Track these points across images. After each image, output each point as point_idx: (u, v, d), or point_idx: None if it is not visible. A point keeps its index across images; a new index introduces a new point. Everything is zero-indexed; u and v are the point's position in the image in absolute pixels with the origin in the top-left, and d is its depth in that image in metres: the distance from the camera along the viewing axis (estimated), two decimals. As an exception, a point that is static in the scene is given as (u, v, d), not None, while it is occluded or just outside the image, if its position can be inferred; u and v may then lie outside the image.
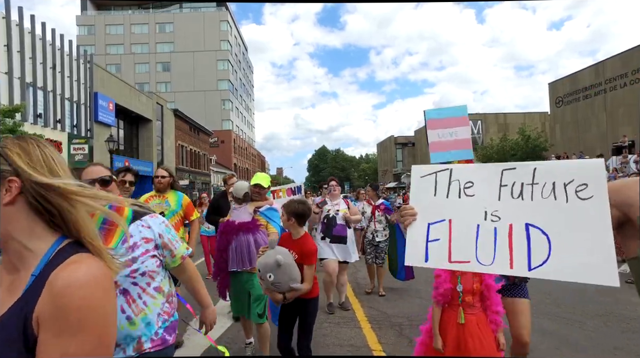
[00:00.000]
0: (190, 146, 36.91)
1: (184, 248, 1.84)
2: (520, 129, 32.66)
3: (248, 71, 75.60)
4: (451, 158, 3.00)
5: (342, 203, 5.10)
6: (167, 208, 3.92)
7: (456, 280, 2.37)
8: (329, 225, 4.94)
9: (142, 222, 1.71)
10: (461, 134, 3.06)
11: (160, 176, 4.06)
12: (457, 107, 3.18)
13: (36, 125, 16.10)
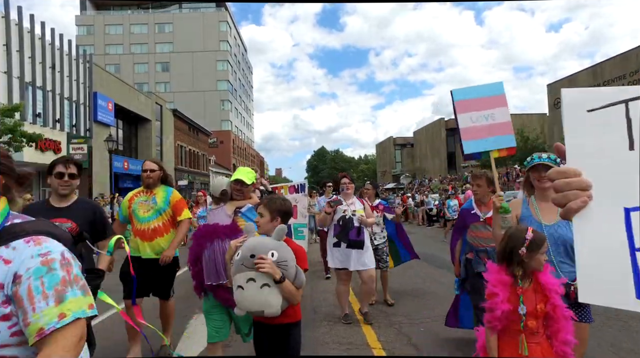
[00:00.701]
0: (189, 146, 36.89)
1: (54, 315, 0.86)
2: (519, 131, 32.73)
3: (247, 72, 75.63)
4: (489, 146, 2.59)
5: (357, 203, 4.44)
6: (154, 207, 3.43)
7: (518, 300, 1.88)
8: (345, 227, 4.25)
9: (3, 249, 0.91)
10: (500, 116, 2.58)
11: (149, 169, 3.51)
12: (492, 84, 2.69)
13: (35, 124, 16.08)
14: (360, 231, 4.24)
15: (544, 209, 2.36)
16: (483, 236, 3.36)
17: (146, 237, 3.43)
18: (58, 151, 17.55)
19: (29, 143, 12.18)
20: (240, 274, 2.05)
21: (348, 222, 4.25)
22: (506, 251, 1.97)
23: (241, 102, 67.69)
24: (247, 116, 73.27)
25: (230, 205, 3.04)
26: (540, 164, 2.32)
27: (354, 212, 4.30)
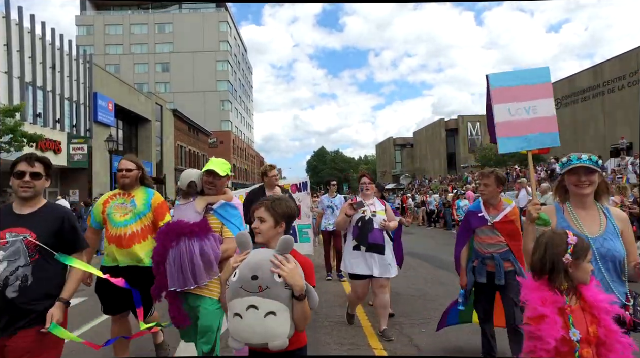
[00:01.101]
0: (189, 147, 36.90)
1: None
2: (519, 131, 32.69)
3: (247, 72, 75.65)
4: (529, 145, 2.23)
5: (377, 204, 4.08)
6: (132, 210, 3.03)
7: (569, 323, 1.53)
8: (363, 229, 3.85)
9: None
10: (543, 109, 2.19)
11: (125, 169, 3.13)
12: (536, 69, 2.27)
13: (35, 125, 16.08)
14: (381, 234, 3.87)
15: (584, 218, 1.98)
16: (490, 242, 3.13)
17: (123, 244, 2.95)
18: (58, 151, 17.55)
19: (30, 143, 12.17)
20: (238, 300, 1.62)
21: (367, 223, 3.86)
22: (546, 261, 1.62)
23: (241, 102, 67.69)
24: (247, 116, 73.28)
25: (200, 201, 2.68)
26: (580, 167, 1.97)
27: (374, 213, 3.93)
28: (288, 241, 1.69)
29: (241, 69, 68.69)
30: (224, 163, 2.81)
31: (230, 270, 1.72)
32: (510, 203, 3.25)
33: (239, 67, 66.93)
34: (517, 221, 3.15)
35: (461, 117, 45.63)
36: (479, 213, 3.20)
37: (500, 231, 3.09)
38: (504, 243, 3.10)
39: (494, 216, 3.13)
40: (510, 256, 3.09)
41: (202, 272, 2.48)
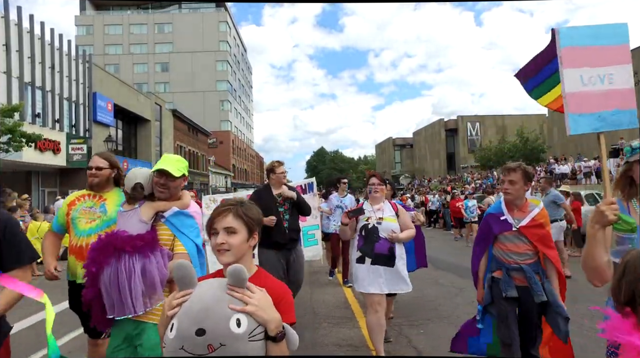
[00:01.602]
0: (188, 147, 36.88)
1: None
2: (518, 131, 32.81)
3: (247, 72, 75.65)
4: (604, 125, 1.72)
5: (387, 208, 3.42)
6: (101, 216, 2.53)
7: None
8: (368, 238, 3.29)
9: None
10: (620, 79, 1.68)
11: (95, 166, 2.62)
12: (612, 25, 1.72)
13: (34, 125, 16.06)
14: (389, 243, 3.26)
15: None
16: (517, 251, 2.63)
17: (83, 256, 2.30)
18: (57, 151, 17.53)
19: (28, 143, 12.15)
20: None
21: (371, 233, 3.28)
22: (622, 287, 1.25)
23: (241, 102, 67.69)
24: (247, 117, 73.28)
25: (147, 207, 2.17)
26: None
27: (380, 220, 3.30)
28: (240, 272, 1.14)
29: (241, 69, 68.69)
30: (178, 160, 2.28)
31: (165, 321, 1.15)
32: (537, 203, 2.72)
33: (239, 68, 66.93)
34: (547, 225, 2.67)
35: (461, 118, 45.67)
36: (500, 216, 2.70)
37: (529, 237, 2.60)
38: (533, 251, 2.61)
39: (519, 219, 2.64)
40: (539, 269, 2.62)
41: (142, 298, 1.99)
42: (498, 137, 37.05)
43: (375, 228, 3.29)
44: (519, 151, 31.35)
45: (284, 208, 3.94)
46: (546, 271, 2.64)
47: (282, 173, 4.05)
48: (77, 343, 4.19)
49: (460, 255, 9.13)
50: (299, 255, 4.03)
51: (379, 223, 3.31)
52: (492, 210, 2.83)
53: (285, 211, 3.94)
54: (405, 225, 3.41)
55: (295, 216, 4.05)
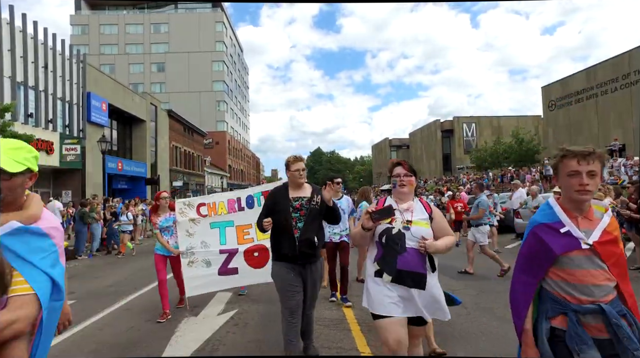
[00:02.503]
0: (184, 147, 36.73)
1: None
2: (514, 132, 32.94)
3: (243, 72, 75.51)
4: None
5: (418, 209, 2.52)
6: None
7: None
8: (390, 247, 2.41)
9: None
10: None
11: None
12: None
13: (27, 125, 15.92)
14: (419, 257, 2.38)
15: None
16: (594, 282, 1.65)
17: None
18: (51, 152, 17.39)
19: (20, 144, 12.03)
20: None
21: (394, 240, 2.39)
22: None
23: (237, 103, 67.55)
24: (243, 117, 73.13)
25: None
26: None
27: (408, 223, 2.43)
28: None
29: (237, 69, 68.54)
30: (17, 148, 1.45)
31: None
32: (602, 210, 1.77)
33: (235, 68, 66.79)
34: (620, 242, 1.74)
35: (457, 119, 45.81)
36: (559, 226, 1.72)
37: (604, 258, 1.67)
38: (612, 281, 1.67)
39: (587, 231, 1.69)
40: (624, 309, 1.67)
41: None
42: (494, 138, 37.17)
43: (402, 235, 2.38)
44: (515, 152, 31.48)
45: (299, 213, 3.24)
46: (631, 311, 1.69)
47: (297, 170, 3.26)
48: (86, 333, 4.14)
49: (451, 256, 9.12)
50: (315, 270, 3.34)
51: (407, 227, 2.40)
52: (542, 218, 1.80)
53: (299, 217, 3.23)
54: (441, 230, 2.47)
55: (314, 225, 3.25)
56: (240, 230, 5.04)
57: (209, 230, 5.03)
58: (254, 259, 4.97)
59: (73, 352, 4.02)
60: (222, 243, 5.02)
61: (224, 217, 5.05)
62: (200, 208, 5.07)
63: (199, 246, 4.98)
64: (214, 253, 5.00)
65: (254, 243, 4.99)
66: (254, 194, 5.10)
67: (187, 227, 4.99)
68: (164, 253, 5.03)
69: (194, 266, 4.96)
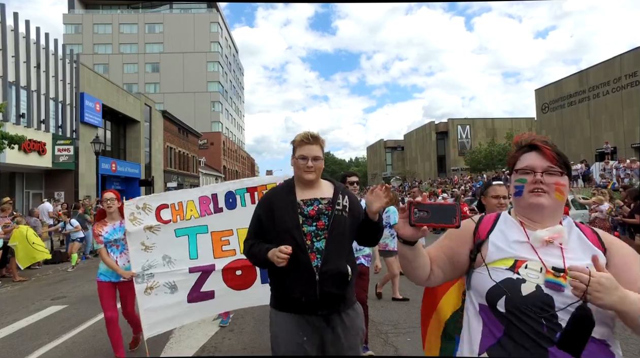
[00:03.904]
0: (178, 148, 36.50)
1: None
2: (508, 134, 33.19)
3: (238, 73, 75.30)
4: None
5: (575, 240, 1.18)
6: None
7: None
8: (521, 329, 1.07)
9: None
10: None
11: None
12: None
13: (18, 125, 15.70)
14: None
15: None
16: None
17: None
18: (43, 153, 17.17)
19: (11, 145, 11.84)
20: None
21: (536, 309, 1.08)
22: None
23: (232, 103, 67.32)
24: (238, 118, 72.89)
25: None
26: None
27: (560, 273, 1.09)
28: None
29: (232, 70, 68.34)
30: None
31: None
32: None
33: (230, 69, 66.58)
34: None
35: (451, 121, 46.08)
36: None
37: None
38: None
39: None
40: None
41: None
42: (488, 140, 37.44)
43: (548, 298, 1.09)
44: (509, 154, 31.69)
45: (315, 225, 1.91)
46: None
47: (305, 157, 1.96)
48: (80, 339, 4.07)
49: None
50: (349, 325, 1.92)
51: (556, 283, 1.10)
52: None
53: (316, 231, 1.89)
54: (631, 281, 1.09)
55: (343, 245, 1.92)
56: (217, 238, 3.56)
57: (174, 239, 3.53)
58: (236, 279, 3.52)
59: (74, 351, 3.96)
60: (192, 257, 3.54)
61: (194, 221, 3.55)
62: (161, 211, 3.55)
63: (160, 264, 3.50)
64: (182, 272, 3.50)
65: (236, 256, 3.51)
66: (236, 191, 3.60)
67: (143, 238, 3.48)
68: (112, 278, 3.68)
69: (154, 294, 3.48)
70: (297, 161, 1.98)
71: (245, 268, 3.53)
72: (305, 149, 1.98)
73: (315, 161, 1.97)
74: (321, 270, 1.84)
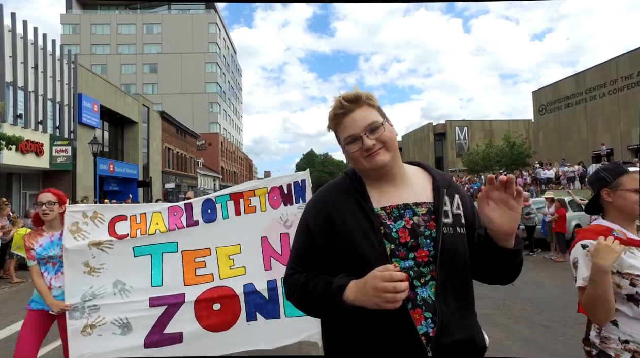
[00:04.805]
0: (176, 149, 36.44)
1: None
2: (505, 136, 33.33)
3: (237, 74, 75.30)
4: None
5: None
6: None
7: None
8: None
9: None
10: None
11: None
12: None
13: (16, 126, 15.64)
14: None
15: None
16: None
17: None
18: (40, 153, 17.11)
19: (8, 146, 11.80)
20: None
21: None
22: None
23: (230, 104, 67.29)
24: (236, 119, 72.86)
25: None
26: None
27: None
28: None
29: (230, 71, 68.33)
30: None
31: None
32: None
33: (228, 70, 66.57)
34: None
35: (449, 122, 46.21)
36: None
37: None
38: None
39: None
40: None
41: None
42: (485, 141, 37.55)
43: None
44: (506, 156, 31.82)
45: (414, 257, 1.08)
46: None
47: (355, 138, 1.14)
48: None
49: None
50: None
51: None
52: None
53: (418, 269, 1.07)
54: None
55: (467, 289, 1.14)
56: (190, 258, 2.72)
57: (131, 259, 2.67)
58: (213, 316, 2.67)
59: None
60: (155, 284, 2.66)
61: (160, 237, 2.70)
62: (116, 223, 2.71)
63: (109, 293, 2.62)
64: (139, 305, 2.62)
65: (214, 283, 2.70)
66: (216, 199, 2.80)
67: (87, 257, 2.60)
68: (45, 306, 2.63)
69: (96, 335, 2.57)
70: (351, 149, 1.14)
71: (226, 299, 2.68)
72: (350, 122, 1.13)
73: (374, 131, 1.11)
74: (437, 341, 1.02)
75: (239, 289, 2.71)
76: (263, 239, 2.78)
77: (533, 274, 7.41)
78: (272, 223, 2.79)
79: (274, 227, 2.79)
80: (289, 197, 2.83)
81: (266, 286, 2.75)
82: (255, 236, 2.78)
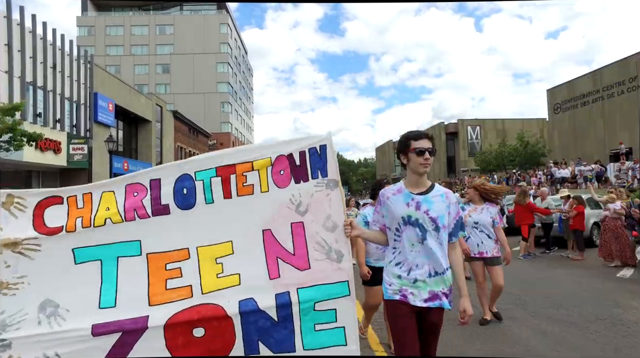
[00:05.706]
0: (188, 148, 36.89)
1: None
2: (519, 135, 32.84)
3: (248, 74, 75.77)
4: None
5: None
6: None
7: None
8: None
9: None
10: None
11: None
12: None
13: (35, 124, 16.06)
14: None
15: None
16: None
17: None
18: (58, 151, 17.52)
19: (29, 142, 12.13)
20: None
21: None
22: None
23: (241, 104, 67.76)
24: (247, 118, 73.33)
25: None
26: None
27: None
28: None
29: (242, 71, 68.81)
30: None
31: None
32: None
33: (240, 70, 67.04)
34: None
35: (461, 121, 45.74)
36: None
37: None
38: None
39: None
40: None
41: None
42: (498, 141, 37.06)
43: None
44: (520, 155, 31.34)
45: None
46: None
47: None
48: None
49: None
50: None
51: None
52: None
53: None
54: None
55: None
56: (159, 265, 1.92)
57: (69, 266, 1.87)
58: (194, 344, 1.87)
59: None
60: (104, 305, 1.86)
61: (112, 232, 1.91)
62: (46, 210, 1.90)
63: (32, 320, 1.81)
64: (78, 335, 1.81)
65: (195, 300, 1.89)
66: (196, 175, 1.97)
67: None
68: None
69: None
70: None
71: (212, 322, 1.86)
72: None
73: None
74: None
75: (232, 307, 1.84)
76: (265, 233, 1.94)
77: (549, 272, 7.30)
78: (278, 209, 1.94)
79: (282, 215, 1.95)
80: (302, 170, 1.96)
81: (274, 303, 1.89)
82: (253, 229, 1.93)
